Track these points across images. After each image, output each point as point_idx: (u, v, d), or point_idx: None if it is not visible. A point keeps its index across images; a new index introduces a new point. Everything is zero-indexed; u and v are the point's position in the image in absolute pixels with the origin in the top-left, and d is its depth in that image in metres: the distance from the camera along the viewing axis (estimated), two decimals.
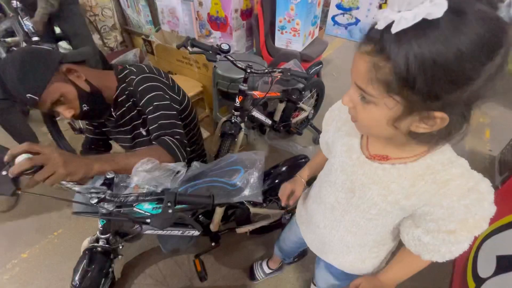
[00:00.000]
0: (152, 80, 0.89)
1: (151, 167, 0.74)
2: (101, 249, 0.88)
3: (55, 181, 0.61)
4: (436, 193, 0.45)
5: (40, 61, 0.74)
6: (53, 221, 1.48)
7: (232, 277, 1.28)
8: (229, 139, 1.37)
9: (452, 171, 0.45)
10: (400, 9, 0.32)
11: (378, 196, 0.52)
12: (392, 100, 0.37)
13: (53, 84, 0.74)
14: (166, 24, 2.45)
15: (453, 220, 0.45)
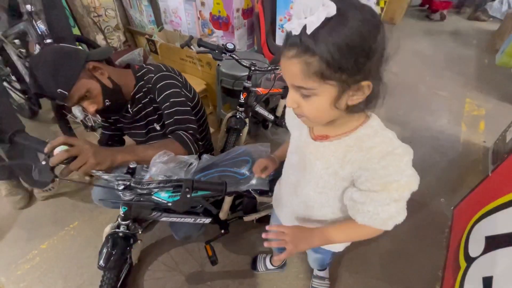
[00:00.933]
0: (169, 78, 0.96)
1: (167, 159, 0.82)
2: (122, 234, 0.96)
3: (87, 170, 0.69)
4: (363, 159, 0.54)
5: (70, 58, 0.81)
6: (69, 215, 1.56)
7: (240, 262, 1.36)
8: (234, 134, 1.44)
9: (375, 139, 0.54)
10: (306, 15, 0.40)
11: (321, 169, 0.61)
12: (329, 86, 0.45)
13: (80, 81, 0.82)
14: (169, 24, 2.51)
15: (376, 181, 0.53)
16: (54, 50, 0.83)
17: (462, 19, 4.73)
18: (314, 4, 0.40)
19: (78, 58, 0.83)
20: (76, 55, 0.83)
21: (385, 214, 0.54)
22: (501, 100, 2.57)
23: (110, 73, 0.91)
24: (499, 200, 1.07)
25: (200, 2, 2.15)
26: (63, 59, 0.80)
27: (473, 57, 3.41)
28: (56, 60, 0.79)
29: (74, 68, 0.81)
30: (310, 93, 0.47)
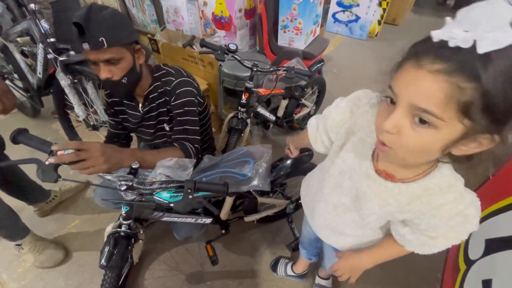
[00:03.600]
0: (189, 85, 0.97)
1: (171, 163, 0.84)
2: (124, 234, 0.97)
3: (95, 173, 0.70)
4: (428, 212, 0.50)
5: (130, 28, 0.84)
6: (70, 213, 1.57)
7: (240, 262, 1.36)
8: (236, 134, 1.45)
9: (447, 196, 0.48)
10: (481, 29, 0.31)
11: (377, 206, 0.57)
12: (460, 124, 0.35)
13: (123, 47, 0.82)
14: (171, 23, 2.51)
15: (436, 233, 0.52)
16: (122, 14, 0.85)
17: None
18: (502, 17, 0.30)
19: (134, 34, 0.86)
20: (133, 29, 0.87)
21: (437, 250, 0.56)
22: None
23: (142, 64, 0.93)
24: (499, 203, 1.08)
25: (203, 2, 2.15)
26: (125, 24, 0.82)
27: None
28: (121, 19, 0.81)
29: (129, 35, 0.83)
30: (432, 123, 0.36)
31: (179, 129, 0.98)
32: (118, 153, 0.79)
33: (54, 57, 1.38)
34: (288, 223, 1.41)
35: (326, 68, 3.05)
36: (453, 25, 0.33)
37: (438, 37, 0.34)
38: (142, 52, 0.90)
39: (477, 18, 0.31)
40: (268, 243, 1.44)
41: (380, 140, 0.43)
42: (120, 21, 0.80)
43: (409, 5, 4.36)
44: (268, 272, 1.33)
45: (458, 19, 0.33)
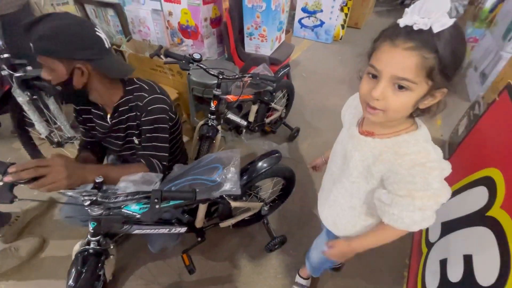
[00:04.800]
0: (161, 102, 0.96)
1: (135, 178, 0.84)
2: (93, 251, 0.94)
3: (55, 190, 0.69)
4: (395, 162, 0.57)
5: (69, 45, 0.76)
6: (38, 234, 1.48)
7: (219, 268, 1.37)
8: (207, 142, 1.46)
9: (412, 148, 0.56)
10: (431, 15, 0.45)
11: (358, 161, 0.65)
12: (425, 84, 0.49)
13: (54, 59, 0.77)
14: (137, 34, 2.48)
15: (402, 185, 0.56)
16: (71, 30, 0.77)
17: None
18: (444, 6, 0.44)
19: (76, 52, 0.78)
20: (76, 49, 0.78)
21: (409, 219, 0.58)
22: (454, 96, 2.79)
23: (92, 80, 0.86)
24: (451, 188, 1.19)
25: (168, 12, 2.15)
26: (63, 39, 0.76)
27: None
28: (64, 34, 0.75)
29: (61, 52, 0.77)
30: (408, 87, 0.49)
31: (147, 146, 0.97)
32: (81, 168, 0.78)
33: (9, 73, 1.31)
34: (265, 225, 1.44)
35: (295, 72, 3.16)
36: (413, 14, 0.47)
37: (404, 23, 0.48)
38: (85, 70, 0.83)
39: (430, 8, 0.45)
40: (246, 247, 1.46)
41: (371, 106, 0.54)
42: (58, 35, 0.75)
43: (369, 9, 4.64)
44: (247, 275, 1.35)
45: (416, 9, 0.46)
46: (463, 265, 0.83)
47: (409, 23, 0.47)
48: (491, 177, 0.89)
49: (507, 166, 0.84)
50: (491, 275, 0.70)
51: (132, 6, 2.33)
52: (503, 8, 2.71)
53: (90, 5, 2.59)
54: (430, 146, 0.57)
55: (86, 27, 0.80)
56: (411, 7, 0.47)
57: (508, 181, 0.81)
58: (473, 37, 3.20)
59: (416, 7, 0.46)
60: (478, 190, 0.94)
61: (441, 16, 0.44)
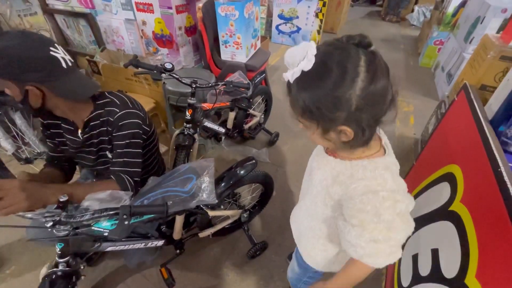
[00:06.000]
0: (133, 117, 0.94)
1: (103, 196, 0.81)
2: (62, 273, 0.90)
3: (13, 212, 0.66)
4: (350, 186, 0.56)
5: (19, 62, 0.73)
6: (4, 259, 1.40)
7: (200, 280, 1.34)
8: (183, 151, 1.44)
9: (368, 173, 0.55)
10: (293, 67, 0.48)
11: (318, 180, 0.65)
12: (313, 123, 0.52)
13: (8, 82, 0.75)
14: (111, 43, 2.43)
15: (353, 213, 0.54)
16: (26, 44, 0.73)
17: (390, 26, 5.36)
18: (298, 57, 0.47)
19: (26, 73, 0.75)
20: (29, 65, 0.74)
21: (362, 250, 0.55)
22: (425, 96, 2.95)
23: (52, 99, 0.83)
24: (420, 185, 1.24)
25: (142, 21, 2.13)
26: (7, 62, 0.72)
27: (401, 60, 3.88)
28: (8, 57, 0.72)
29: (8, 73, 0.73)
30: (304, 124, 0.55)
31: (118, 162, 0.94)
32: (43, 188, 0.75)
33: None
34: (245, 232, 1.44)
35: (274, 77, 3.21)
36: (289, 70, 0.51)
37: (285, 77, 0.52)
38: (37, 95, 0.79)
39: (288, 60, 0.50)
40: (228, 255, 1.44)
41: None
42: (3, 56, 0.72)
43: (344, 14, 4.81)
44: (230, 284, 1.33)
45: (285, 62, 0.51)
46: (431, 259, 0.87)
47: (284, 76, 0.52)
48: (452, 173, 0.94)
49: (465, 162, 0.89)
50: (454, 268, 0.73)
51: (104, 16, 2.29)
52: (464, 13, 2.90)
53: (61, 15, 2.52)
54: (389, 174, 0.54)
55: (37, 47, 0.76)
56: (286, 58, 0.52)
57: (466, 177, 0.85)
58: (439, 39, 3.39)
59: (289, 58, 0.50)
60: (442, 186, 0.99)
61: (296, 67, 0.48)
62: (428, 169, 1.19)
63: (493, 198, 0.67)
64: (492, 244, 0.63)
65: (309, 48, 0.47)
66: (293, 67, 0.48)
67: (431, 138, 1.39)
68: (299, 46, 0.48)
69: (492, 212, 0.66)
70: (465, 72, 1.72)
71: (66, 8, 2.43)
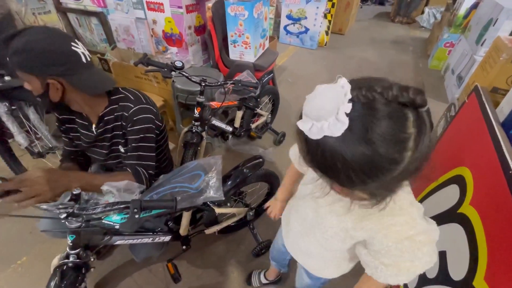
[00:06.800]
0: (147, 112, 0.96)
1: (119, 185, 0.84)
2: (72, 264, 0.92)
3: (39, 202, 0.68)
4: (379, 233, 0.52)
5: (36, 62, 0.76)
6: (15, 250, 1.43)
7: (206, 276, 1.36)
8: (191, 149, 1.46)
9: (397, 218, 0.50)
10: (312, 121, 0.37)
11: (335, 222, 0.60)
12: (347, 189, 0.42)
13: (26, 73, 0.78)
14: (122, 42, 2.47)
15: (388, 258, 0.52)
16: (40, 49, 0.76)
17: (399, 27, 5.30)
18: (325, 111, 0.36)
19: (47, 69, 0.78)
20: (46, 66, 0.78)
21: (395, 280, 0.54)
22: (435, 98, 2.92)
23: (70, 93, 0.86)
24: (428, 188, 1.23)
25: (152, 21, 2.16)
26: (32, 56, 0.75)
27: (410, 62, 3.83)
28: (35, 51, 0.75)
29: (31, 67, 0.77)
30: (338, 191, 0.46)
31: (134, 155, 0.97)
32: (65, 177, 0.78)
33: None
34: (250, 230, 1.45)
35: (281, 78, 3.21)
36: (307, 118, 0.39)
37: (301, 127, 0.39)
38: (59, 85, 0.82)
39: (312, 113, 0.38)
40: (233, 253, 1.45)
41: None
42: (29, 50, 0.75)
43: (352, 16, 4.78)
44: (235, 281, 1.35)
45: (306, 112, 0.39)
46: (438, 262, 0.86)
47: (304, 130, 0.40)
48: (462, 176, 0.93)
49: (475, 164, 0.88)
50: (462, 270, 0.73)
51: (115, 15, 2.33)
52: (476, 15, 2.86)
53: (73, 14, 2.58)
54: (415, 209, 0.51)
55: (61, 42, 0.79)
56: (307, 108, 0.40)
57: (476, 179, 0.85)
58: (449, 41, 3.35)
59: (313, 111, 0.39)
60: (451, 189, 0.98)
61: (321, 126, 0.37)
62: (436, 172, 1.18)
63: (503, 200, 0.66)
64: (502, 246, 0.63)
65: (340, 102, 0.36)
66: (316, 120, 0.37)
67: (440, 140, 1.37)
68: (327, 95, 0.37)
69: (502, 214, 0.65)
70: (476, 74, 1.70)
71: (79, 7, 2.48)
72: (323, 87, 0.39)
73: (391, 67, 3.63)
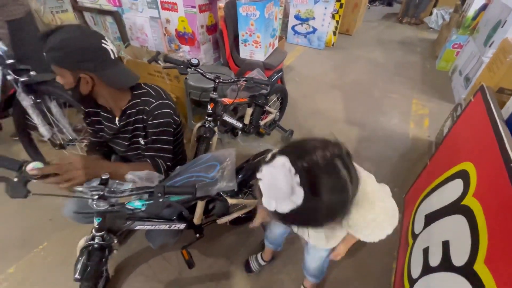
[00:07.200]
0: (167, 107, 1.03)
1: (142, 174, 0.90)
2: (98, 246, 0.99)
3: (76, 185, 0.75)
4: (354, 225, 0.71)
5: (72, 57, 0.83)
6: (37, 236, 1.52)
7: (217, 265, 1.42)
8: (204, 142, 1.53)
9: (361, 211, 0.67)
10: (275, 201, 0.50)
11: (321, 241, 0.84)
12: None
13: (62, 68, 0.85)
14: (135, 40, 2.55)
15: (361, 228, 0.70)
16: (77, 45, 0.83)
17: (407, 28, 5.31)
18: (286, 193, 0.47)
19: (82, 64, 0.85)
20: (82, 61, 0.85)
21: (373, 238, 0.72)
22: (441, 99, 2.94)
23: (98, 87, 0.93)
24: (433, 183, 1.27)
25: (165, 20, 2.23)
26: (68, 51, 0.82)
27: (417, 63, 3.85)
28: (70, 47, 0.82)
29: (67, 63, 0.84)
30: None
31: (153, 147, 1.04)
32: (96, 164, 0.85)
33: (14, 78, 1.37)
34: None
35: (288, 77, 3.26)
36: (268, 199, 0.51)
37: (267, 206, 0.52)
38: (90, 79, 0.89)
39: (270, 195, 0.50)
40: (243, 243, 1.51)
41: None
42: (64, 47, 0.82)
43: (360, 17, 4.81)
44: (243, 271, 1.40)
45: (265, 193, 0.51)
46: (442, 251, 0.91)
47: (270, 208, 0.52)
48: (466, 170, 0.98)
49: (479, 159, 0.93)
50: (464, 256, 0.77)
51: (130, 14, 2.40)
52: (484, 16, 2.87)
53: (89, 13, 2.66)
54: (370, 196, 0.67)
55: (93, 40, 0.87)
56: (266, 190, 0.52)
57: (479, 172, 0.89)
58: (457, 43, 3.36)
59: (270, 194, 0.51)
60: (455, 183, 1.02)
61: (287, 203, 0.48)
62: (442, 168, 1.22)
63: (504, 189, 0.71)
64: (501, 231, 0.67)
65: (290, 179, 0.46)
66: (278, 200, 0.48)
67: (446, 138, 1.41)
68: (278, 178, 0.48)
69: (502, 202, 0.70)
70: (483, 75, 1.73)
71: (95, 6, 2.57)
72: (270, 173, 0.50)
73: (398, 68, 3.66)
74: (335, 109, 2.69)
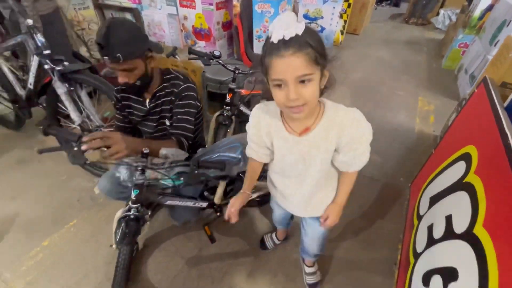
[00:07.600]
0: (193, 90, 1.15)
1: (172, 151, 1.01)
2: (133, 216, 1.11)
3: (120, 158, 0.86)
4: (340, 129, 0.73)
5: (143, 40, 0.98)
6: (66, 214, 1.64)
7: (236, 243, 1.53)
8: (223, 129, 1.64)
9: (339, 113, 0.74)
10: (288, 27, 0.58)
11: (318, 153, 0.78)
12: (318, 70, 0.62)
13: (136, 59, 0.98)
14: (153, 36, 2.67)
15: (353, 141, 0.74)
16: (136, 26, 0.98)
17: (414, 29, 5.37)
18: (291, 21, 0.59)
19: (146, 43, 1.00)
20: (146, 40, 1.00)
21: (364, 161, 0.80)
22: (446, 96, 3.02)
23: (154, 66, 1.09)
24: (438, 169, 1.37)
25: (183, 16, 2.35)
26: (138, 38, 0.96)
27: (424, 62, 3.92)
28: (136, 34, 0.95)
29: (141, 48, 0.98)
30: (310, 78, 0.61)
31: (178, 126, 1.14)
32: (134, 141, 0.96)
33: (51, 67, 1.49)
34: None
35: None
36: (279, 31, 0.59)
37: (277, 38, 0.59)
38: (154, 58, 1.05)
39: (286, 22, 0.59)
40: (258, 224, 1.62)
41: (293, 106, 0.65)
42: (134, 36, 0.94)
43: (367, 17, 4.89)
44: (259, 249, 1.51)
45: (277, 27, 0.59)
46: (445, 224, 1.00)
47: (281, 37, 0.59)
48: (468, 153, 1.07)
49: (480, 141, 1.02)
50: (464, 224, 0.87)
51: (149, 11, 2.53)
52: (490, 16, 2.94)
53: (109, 10, 2.79)
54: (341, 105, 0.76)
55: (139, 27, 1.01)
56: (272, 27, 0.61)
57: (480, 152, 0.98)
58: (464, 42, 3.43)
59: (276, 26, 0.60)
60: (459, 164, 1.12)
61: (296, 24, 0.58)
62: (447, 153, 1.32)
63: (501, 164, 0.80)
64: (498, 199, 0.77)
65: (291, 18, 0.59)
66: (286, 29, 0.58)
67: (451, 127, 1.51)
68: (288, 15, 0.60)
69: (500, 173, 0.80)
70: (488, 70, 1.82)
71: (115, 3, 2.70)
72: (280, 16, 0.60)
73: (404, 66, 3.74)
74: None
